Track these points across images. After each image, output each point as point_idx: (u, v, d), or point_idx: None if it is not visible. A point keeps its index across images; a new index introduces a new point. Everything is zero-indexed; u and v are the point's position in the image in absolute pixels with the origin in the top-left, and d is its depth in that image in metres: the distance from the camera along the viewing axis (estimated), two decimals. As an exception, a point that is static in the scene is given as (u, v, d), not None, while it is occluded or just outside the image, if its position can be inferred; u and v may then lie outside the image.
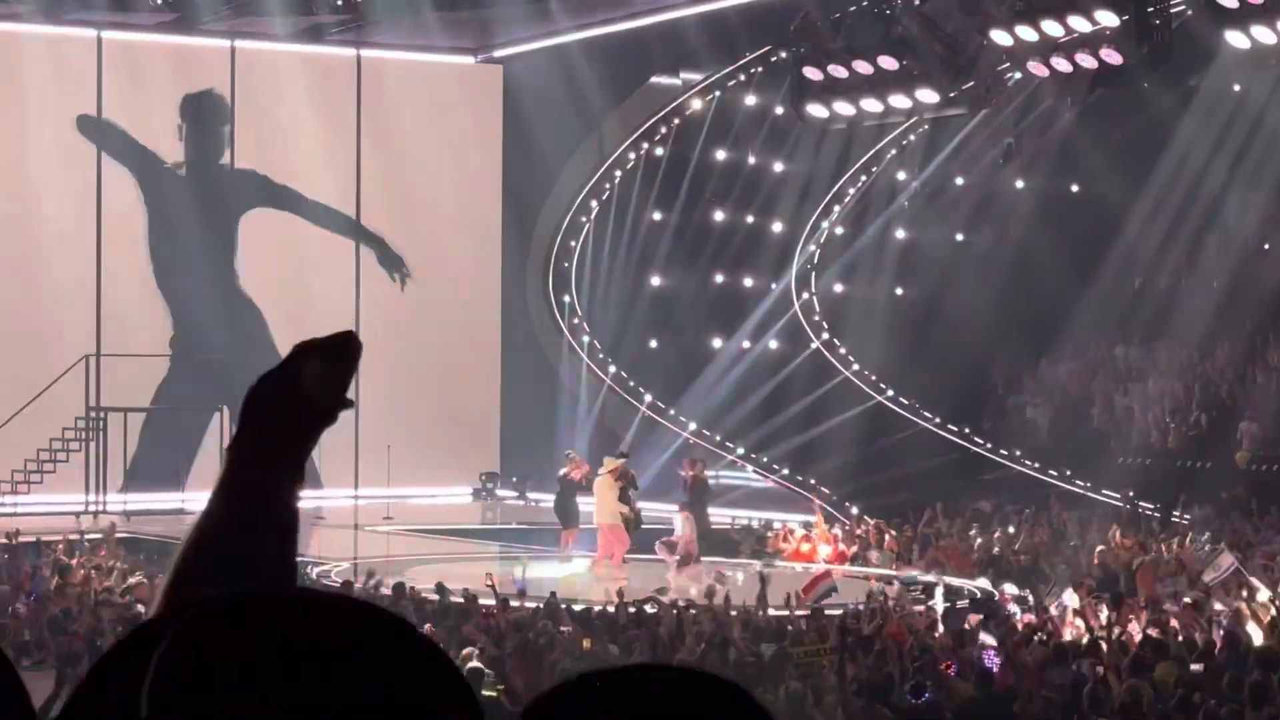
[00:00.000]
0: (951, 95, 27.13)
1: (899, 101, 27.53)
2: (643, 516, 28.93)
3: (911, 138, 36.39)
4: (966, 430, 35.33)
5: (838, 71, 27.60)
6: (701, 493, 30.15)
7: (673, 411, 37.28)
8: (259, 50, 37.70)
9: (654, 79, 38.48)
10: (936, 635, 19.30)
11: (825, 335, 37.52)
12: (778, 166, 37.41)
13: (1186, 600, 20.89)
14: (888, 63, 26.88)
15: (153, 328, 37.06)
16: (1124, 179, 34.17)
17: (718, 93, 37.39)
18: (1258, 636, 18.67)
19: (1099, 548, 26.92)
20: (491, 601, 20.97)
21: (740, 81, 36.91)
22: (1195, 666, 16.25)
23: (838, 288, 38.01)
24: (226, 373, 33.23)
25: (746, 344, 37.95)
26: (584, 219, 38.98)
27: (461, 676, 1.75)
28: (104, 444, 35.79)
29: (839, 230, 38.06)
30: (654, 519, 29.58)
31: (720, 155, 37.78)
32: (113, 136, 36.98)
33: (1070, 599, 21.66)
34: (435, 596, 21.89)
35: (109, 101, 36.71)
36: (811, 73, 27.99)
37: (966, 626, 19.92)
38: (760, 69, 35.97)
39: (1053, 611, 21.38)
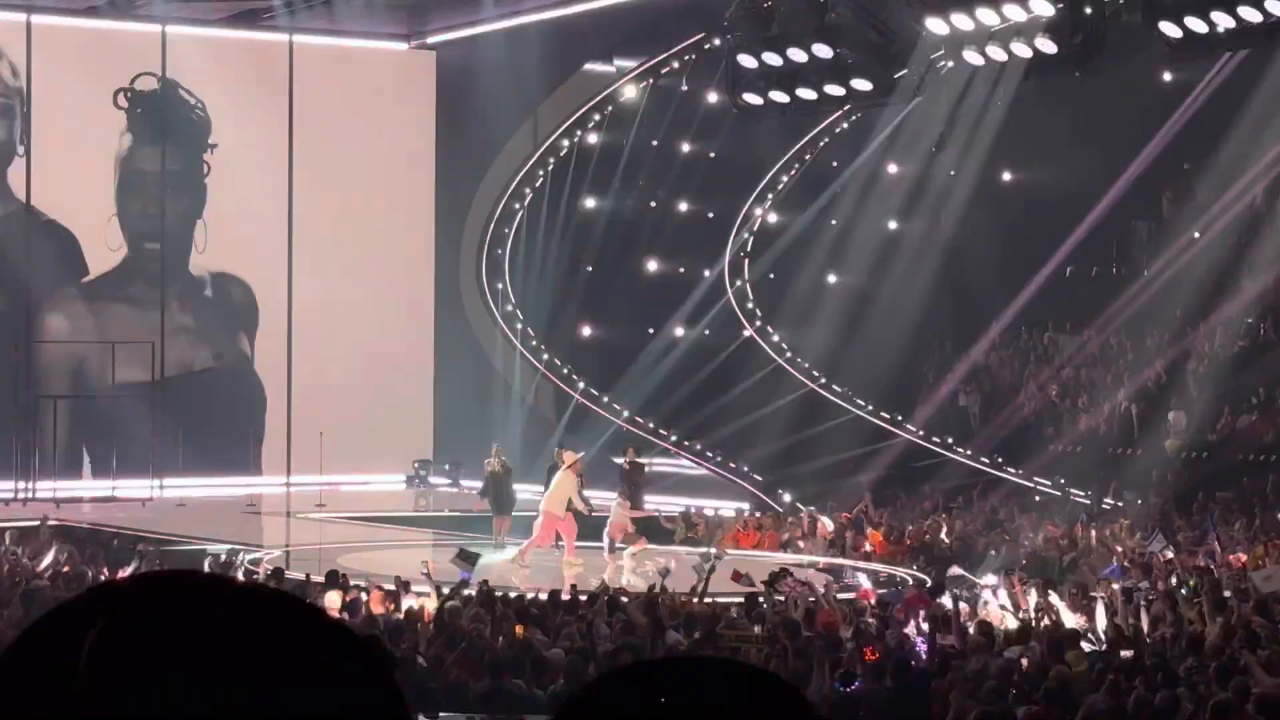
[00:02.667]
0: (886, 83, 27.16)
1: (833, 90, 27.53)
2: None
3: (845, 125, 36.47)
4: (899, 418, 35.44)
5: (772, 59, 27.57)
6: (637, 480, 30.13)
7: (606, 399, 37.27)
8: (192, 35, 37.48)
9: (587, 66, 38.44)
10: (867, 623, 19.34)
11: (758, 323, 37.58)
12: (711, 154, 37.42)
13: (1115, 586, 21.01)
14: (822, 51, 26.87)
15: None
16: (1056, 168, 34.36)
17: (651, 80, 37.38)
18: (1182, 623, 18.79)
19: (1025, 539, 27.11)
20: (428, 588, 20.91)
21: (674, 69, 36.90)
22: (1125, 653, 16.36)
23: (771, 275, 38.07)
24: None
25: (680, 331, 37.98)
26: (517, 206, 38.91)
27: (388, 671, 1.75)
28: (34, 430, 35.55)
29: (772, 218, 38.13)
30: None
31: (654, 142, 37.77)
32: None
33: (997, 583, 21.82)
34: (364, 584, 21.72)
35: (38, 87, 36.42)
36: (746, 60, 27.95)
37: (898, 614, 19.99)
38: (694, 56, 35.97)
39: (982, 594, 21.50)
